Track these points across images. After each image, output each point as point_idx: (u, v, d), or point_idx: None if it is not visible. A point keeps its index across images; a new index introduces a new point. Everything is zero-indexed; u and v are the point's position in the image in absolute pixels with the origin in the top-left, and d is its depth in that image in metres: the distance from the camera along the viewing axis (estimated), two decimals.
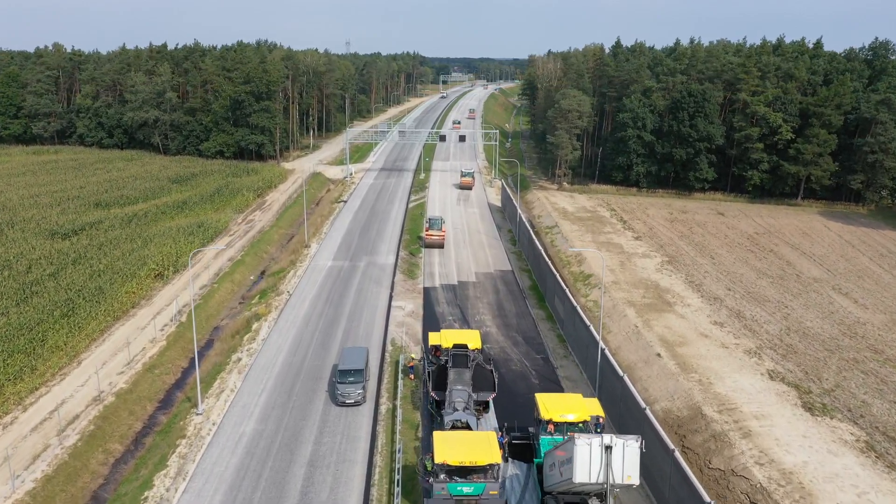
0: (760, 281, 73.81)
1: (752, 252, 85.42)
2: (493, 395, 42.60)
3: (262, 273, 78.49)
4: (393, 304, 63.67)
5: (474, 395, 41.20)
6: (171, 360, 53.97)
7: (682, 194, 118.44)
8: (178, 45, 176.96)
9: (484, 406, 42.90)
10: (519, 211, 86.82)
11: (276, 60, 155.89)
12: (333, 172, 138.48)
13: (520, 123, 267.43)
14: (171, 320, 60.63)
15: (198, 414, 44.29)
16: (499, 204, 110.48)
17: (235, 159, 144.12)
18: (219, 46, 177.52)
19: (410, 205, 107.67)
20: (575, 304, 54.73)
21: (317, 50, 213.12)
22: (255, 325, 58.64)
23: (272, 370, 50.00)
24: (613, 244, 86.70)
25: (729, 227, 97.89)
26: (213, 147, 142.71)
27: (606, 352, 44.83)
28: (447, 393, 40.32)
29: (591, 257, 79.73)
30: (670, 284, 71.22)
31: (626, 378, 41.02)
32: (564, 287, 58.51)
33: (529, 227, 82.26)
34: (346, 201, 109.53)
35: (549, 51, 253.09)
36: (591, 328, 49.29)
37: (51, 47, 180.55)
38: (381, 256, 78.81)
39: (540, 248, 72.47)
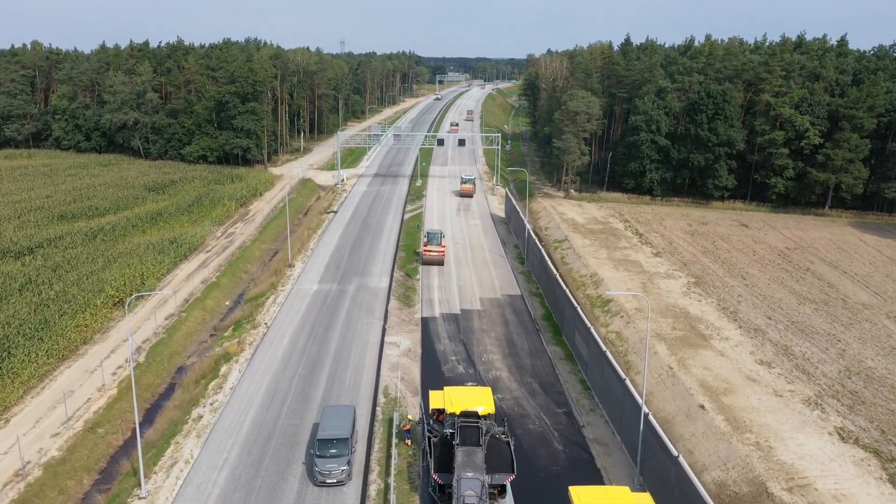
0: (803, 307, 65.16)
1: (786, 271, 76.81)
2: (512, 478, 33.81)
3: (241, 296, 69.68)
4: (386, 339, 54.88)
5: (488, 479, 32.45)
6: (120, 413, 45.07)
7: (699, 203, 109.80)
8: (160, 43, 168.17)
9: (500, 490, 34.13)
10: (527, 226, 78.06)
11: (263, 59, 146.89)
12: (324, 178, 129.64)
13: (519, 124, 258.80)
14: (127, 361, 51.75)
15: (141, 498, 35.42)
16: (502, 214, 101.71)
17: (220, 164, 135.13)
18: (206, 45, 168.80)
19: (406, 215, 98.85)
20: (603, 347, 45.96)
21: (308, 48, 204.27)
22: (223, 369, 49.77)
23: (238, 433, 41.10)
24: (631, 262, 78.05)
25: (755, 241, 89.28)
26: (196, 151, 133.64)
27: (654, 423, 35.99)
28: (454, 481, 31.53)
29: (610, 277, 71.08)
30: (702, 312, 62.58)
31: (682, 461, 32.23)
32: (588, 324, 49.71)
33: (539, 244, 73.47)
34: (336, 212, 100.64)
35: (549, 49, 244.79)
36: (630, 388, 40.41)
37: (29, 46, 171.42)
38: (373, 278, 69.99)
39: (553, 271, 63.71)
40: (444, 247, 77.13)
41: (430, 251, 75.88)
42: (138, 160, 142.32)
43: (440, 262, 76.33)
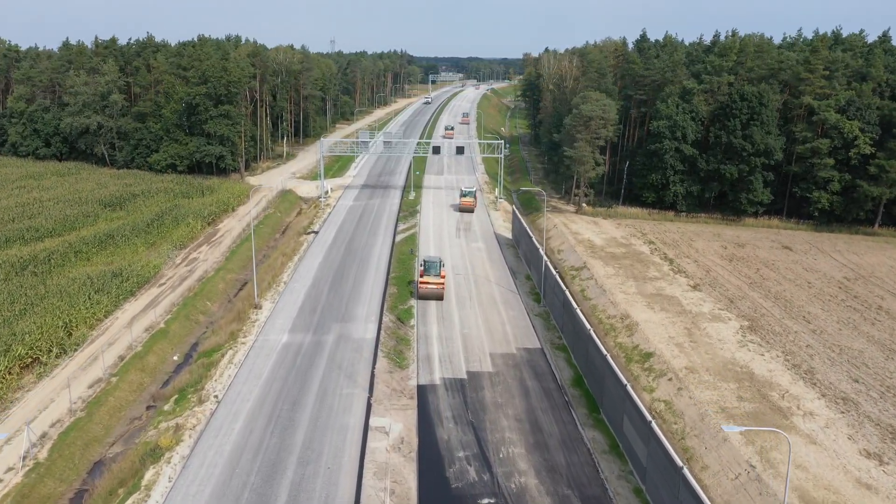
0: (891, 363, 52.43)
1: (854, 310, 64.05)
2: None
3: (194, 347, 56.48)
4: (372, 422, 41.72)
5: None
6: None
7: (730, 220, 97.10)
8: (130, 40, 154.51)
9: None
10: (544, 258, 64.69)
11: (241, 57, 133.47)
12: (308, 189, 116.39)
13: (516, 126, 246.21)
14: (21, 461, 38.45)
15: None
16: (509, 235, 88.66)
17: (191, 174, 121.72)
18: (181, 42, 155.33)
19: (398, 236, 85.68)
20: (677, 460, 32.89)
21: (292, 46, 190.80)
22: (148, 475, 36.48)
23: None
24: (667, 297, 65.23)
25: (806, 269, 76.57)
26: (163, 160, 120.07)
27: None
28: None
29: (646, 321, 58.20)
30: (769, 372, 49.74)
31: None
32: (647, 416, 36.63)
33: (560, 280, 60.34)
34: (317, 232, 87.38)
35: (547, 48, 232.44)
36: None
37: None
38: (357, 325, 56.82)
39: (584, 321, 50.66)
40: (443, 277, 64.31)
41: (428, 284, 63.02)
42: (102, 169, 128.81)
43: (439, 297, 63.53)
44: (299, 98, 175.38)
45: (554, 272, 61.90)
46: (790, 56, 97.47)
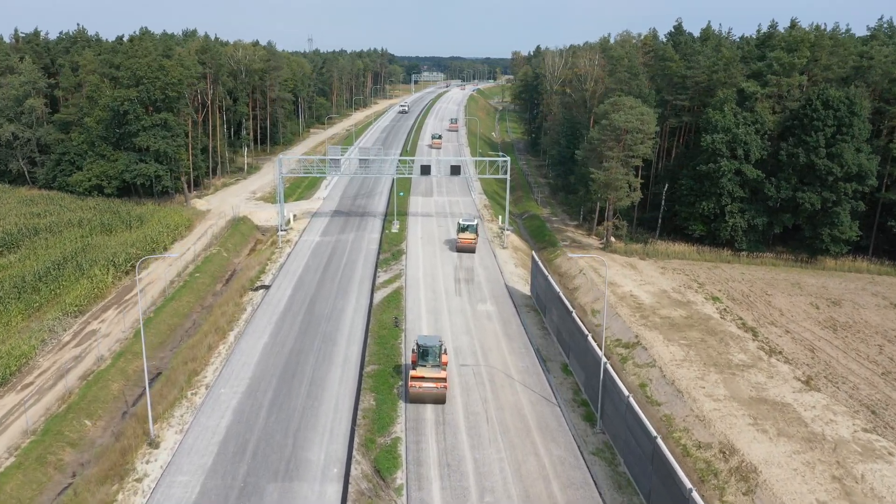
0: None
1: None
2: None
3: None
4: None
5: None
6: None
7: (805, 262, 75.89)
8: (61, 33, 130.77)
9: None
10: (602, 360, 41.87)
11: (188, 54, 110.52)
12: (267, 215, 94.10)
13: (507, 130, 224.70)
14: None
15: None
16: (524, 288, 66.67)
17: (123, 197, 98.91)
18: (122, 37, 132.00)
19: (377, 294, 63.38)
20: None
21: (256, 42, 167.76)
22: None
23: None
24: (776, 406, 43.85)
25: None
26: (86, 180, 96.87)
27: None
28: None
29: (764, 457, 36.57)
30: None
31: None
32: None
33: (633, 404, 38.02)
34: (268, 287, 64.96)
35: (539, 46, 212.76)
36: None
37: None
38: (306, 488, 34.53)
39: (678, 472, 28.68)
40: (445, 363, 42.92)
41: (424, 381, 41.49)
42: (21, 189, 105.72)
43: (440, 400, 41.88)
44: (266, 101, 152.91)
45: (616, 378, 39.73)
46: (881, 51, 76.28)
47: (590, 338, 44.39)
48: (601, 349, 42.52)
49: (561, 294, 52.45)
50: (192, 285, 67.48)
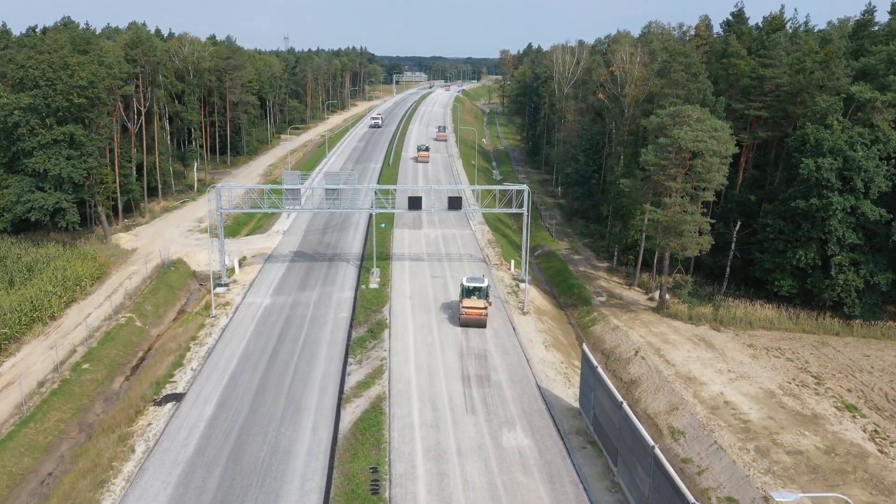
0: None
1: None
2: None
3: None
4: None
5: None
6: None
7: None
8: None
9: None
10: None
11: (111, 50, 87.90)
12: (210, 256, 71.48)
13: (498, 136, 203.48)
14: None
15: None
16: (564, 390, 44.91)
17: (20, 233, 76.47)
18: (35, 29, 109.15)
19: (346, 416, 41.15)
20: None
21: (214, 38, 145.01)
22: None
23: None
24: None
25: None
26: None
27: None
28: None
29: None
30: None
31: None
32: None
33: None
34: (179, 398, 42.63)
35: (530, 43, 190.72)
36: None
37: None
38: None
39: None
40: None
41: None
42: None
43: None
44: (225, 106, 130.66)
45: None
46: None
47: None
48: None
49: (657, 452, 30.57)
50: (71, 388, 45.29)
